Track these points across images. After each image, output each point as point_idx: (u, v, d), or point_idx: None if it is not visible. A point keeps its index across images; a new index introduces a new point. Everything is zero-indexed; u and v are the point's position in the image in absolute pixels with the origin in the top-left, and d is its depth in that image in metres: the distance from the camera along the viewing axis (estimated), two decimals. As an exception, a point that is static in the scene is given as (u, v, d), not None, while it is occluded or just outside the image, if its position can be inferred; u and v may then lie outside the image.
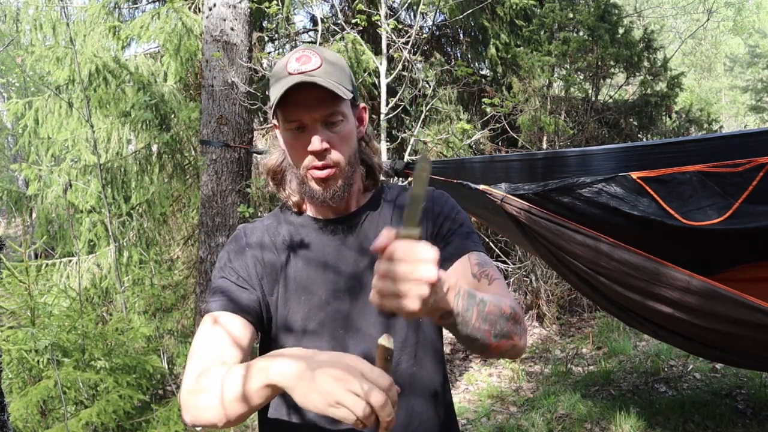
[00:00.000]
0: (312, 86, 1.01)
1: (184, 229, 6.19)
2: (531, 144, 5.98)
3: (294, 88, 1.01)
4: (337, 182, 1.08)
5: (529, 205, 2.33)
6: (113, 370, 3.16)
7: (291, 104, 1.03)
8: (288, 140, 1.08)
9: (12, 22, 6.54)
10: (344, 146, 1.07)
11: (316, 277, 1.10)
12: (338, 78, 1.05)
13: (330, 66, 1.05)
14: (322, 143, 1.03)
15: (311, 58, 1.04)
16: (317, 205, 1.12)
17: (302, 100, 1.03)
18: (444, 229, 1.14)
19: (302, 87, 1.01)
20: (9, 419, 1.64)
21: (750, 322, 2.10)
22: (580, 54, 5.94)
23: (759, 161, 2.10)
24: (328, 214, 1.16)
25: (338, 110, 1.05)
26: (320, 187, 1.07)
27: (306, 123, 1.04)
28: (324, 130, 1.04)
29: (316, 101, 1.03)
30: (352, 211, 1.16)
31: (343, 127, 1.07)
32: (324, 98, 1.03)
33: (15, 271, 3.06)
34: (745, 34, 20.86)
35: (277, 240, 1.15)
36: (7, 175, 13.08)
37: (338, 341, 1.06)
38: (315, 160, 1.05)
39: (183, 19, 5.15)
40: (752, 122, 17.18)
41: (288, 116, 1.05)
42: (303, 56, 1.04)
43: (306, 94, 1.02)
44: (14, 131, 9.69)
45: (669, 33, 18.27)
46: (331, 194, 1.08)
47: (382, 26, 4.34)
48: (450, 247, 1.12)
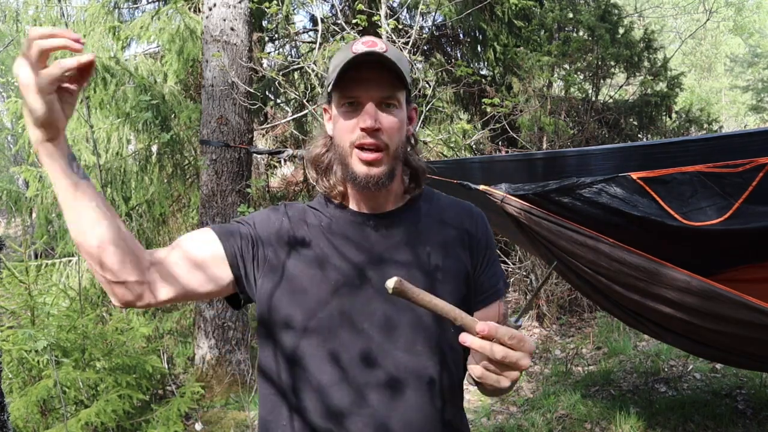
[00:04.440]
0: (377, 65, 0.99)
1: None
2: (531, 144, 5.98)
3: (360, 59, 0.98)
4: (381, 167, 1.03)
5: (529, 206, 2.32)
6: (113, 370, 3.16)
7: (350, 81, 1.01)
8: (340, 115, 1.04)
9: (12, 22, 6.54)
10: (395, 133, 1.04)
11: (329, 266, 1.05)
12: (403, 66, 1.03)
13: (396, 54, 1.03)
14: (375, 121, 1.00)
15: (377, 43, 1.02)
16: (358, 189, 1.07)
17: (365, 76, 1.00)
18: (484, 260, 1.14)
19: (367, 65, 0.99)
20: (9, 419, 1.64)
21: (750, 323, 2.10)
22: (580, 54, 5.94)
23: (759, 161, 2.10)
24: (364, 207, 1.11)
25: (396, 95, 1.03)
26: (365, 168, 1.02)
27: (362, 100, 1.01)
28: (378, 112, 1.02)
29: (378, 80, 1.01)
30: (388, 211, 1.12)
31: (398, 114, 1.04)
32: (386, 79, 1.01)
33: (15, 271, 3.06)
34: (745, 34, 20.86)
35: (305, 219, 1.11)
36: (7, 175, 13.07)
37: (333, 333, 1.02)
38: (365, 137, 1.01)
39: (185, 20, 5.15)
40: (752, 122, 17.18)
41: (345, 92, 1.02)
42: (369, 41, 1.03)
43: (369, 71, 1.00)
44: (14, 131, 9.69)
45: (669, 33, 18.29)
46: (374, 179, 1.03)
47: (382, 26, 4.34)
48: (486, 284, 1.13)
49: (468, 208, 1.19)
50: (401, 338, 1.03)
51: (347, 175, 1.05)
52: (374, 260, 1.06)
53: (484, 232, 1.16)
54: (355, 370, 1.01)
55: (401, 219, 1.11)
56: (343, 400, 1.00)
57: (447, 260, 1.09)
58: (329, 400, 1.01)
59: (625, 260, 2.21)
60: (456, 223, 1.14)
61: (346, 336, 1.02)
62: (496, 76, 6.93)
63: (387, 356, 1.02)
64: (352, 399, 1.00)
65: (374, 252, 1.06)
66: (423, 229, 1.11)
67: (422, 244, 1.09)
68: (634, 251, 2.19)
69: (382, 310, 1.03)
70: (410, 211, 1.13)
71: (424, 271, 1.06)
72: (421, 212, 1.14)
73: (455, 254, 1.10)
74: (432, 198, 1.18)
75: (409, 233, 1.10)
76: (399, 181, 1.12)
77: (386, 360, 1.02)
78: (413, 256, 1.08)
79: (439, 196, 1.20)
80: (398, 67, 1.00)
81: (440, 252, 1.09)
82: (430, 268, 1.07)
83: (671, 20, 18.18)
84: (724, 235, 2.24)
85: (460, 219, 1.14)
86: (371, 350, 1.01)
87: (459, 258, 1.10)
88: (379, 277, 1.03)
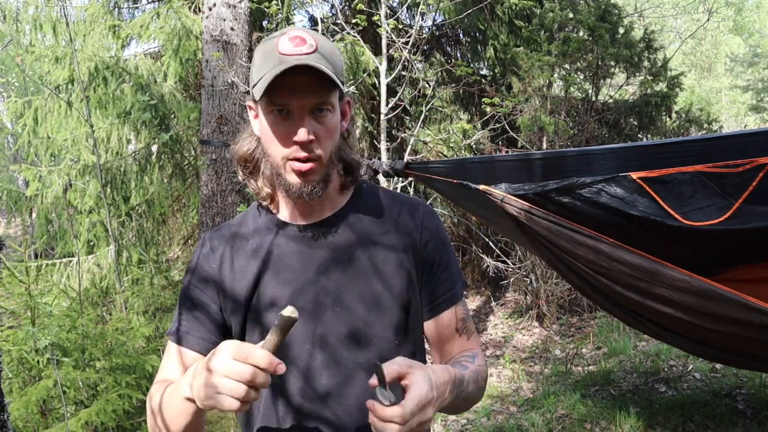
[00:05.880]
0: (306, 70, 0.93)
1: (184, 229, 6.19)
2: (531, 144, 5.98)
3: (289, 71, 0.92)
4: (316, 177, 1.00)
5: (529, 206, 2.32)
6: (113, 370, 3.16)
7: (279, 87, 0.94)
8: (269, 125, 0.99)
9: (12, 22, 6.54)
10: (328, 140, 1.00)
11: (284, 290, 1.03)
12: (333, 65, 0.97)
13: (325, 51, 0.97)
14: (309, 134, 0.95)
15: (306, 40, 0.95)
16: (293, 199, 1.04)
17: (293, 84, 0.94)
18: (434, 262, 1.09)
19: (295, 70, 0.93)
20: (9, 419, 1.64)
21: (750, 323, 2.10)
22: (580, 54, 5.94)
23: (759, 161, 2.10)
24: (301, 217, 1.08)
25: (329, 100, 0.97)
26: (299, 180, 0.99)
27: (293, 109, 0.96)
28: (311, 120, 0.97)
29: (308, 87, 0.95)
30: (327, 217, 1.08)
31: (330, 119, 0.99)
32: (317, 85, 0.95)
33: (15, 271, 3.06)
34: (745, 34, 20.86)
35: (245, 247, 1.07)
36: (7, 175, 13.07)
37: (303, 358, 1.02)
38: (298, 151, 0.97)
39: (182, 20, 5.15)
40: (752, 122, 17.18)
41: (275, 100, 0.96)
42: (297, 37, 0.95)
43: (298, 78, 0.94)
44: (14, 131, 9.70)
45: (669, 33, 18.28)
46: (309, 189, 1.00)
47: (382, 26, 4.34)
48: (440, 290, 1.09)
49: (411, 204, 1.12)
50: (363, 353, 1.03)
51: (280, 185, 1.03)
52: (308, 280, 1.03)
53: (431, 231, 1.10)
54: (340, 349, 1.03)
55: (336, 227, 1.07)
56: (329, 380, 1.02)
57: (387, 269, 1.04)
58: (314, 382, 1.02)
59: (625, 260, 2.21)
60: (398, 225, 1.08)
61: (312, 353, 1.03)
62: (496, 75, 6.92)
63: (347, 361, 1.04)
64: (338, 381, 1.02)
65: (307, 270, 1.04)
66: (360, 237, 1.06)
67: (359, 254, 1.04)
68: (634, 251, 2.19)
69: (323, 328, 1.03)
70: (346, 216, 1.08)
71: (360, 288, 1.03)
72: (358, 215, 1.09)
73: (397, 261, 1.05)
74: (372, 196, 1.12)
75: (343, 243, 1.05)
76: (336, 180, 1.08)
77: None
78: (349, 271, 1.03)
79: (380, 194, 1.14)
80: (330, 69, 0.94)
81: (379, 262, 1.05)
82: (369, 282, 1.03)
83: (671, 20, 18.17)
84: (724, 235, 2.23)
85: (402, 219, 1.09)
86: (344, 376, 1.03)
87: (401, 264, 1.05)
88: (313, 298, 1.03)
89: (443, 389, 0.89)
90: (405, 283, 1.05)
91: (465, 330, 1.12)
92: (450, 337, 1.11)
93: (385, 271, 1.04)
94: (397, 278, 1.05)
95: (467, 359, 1.07)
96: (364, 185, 1.15)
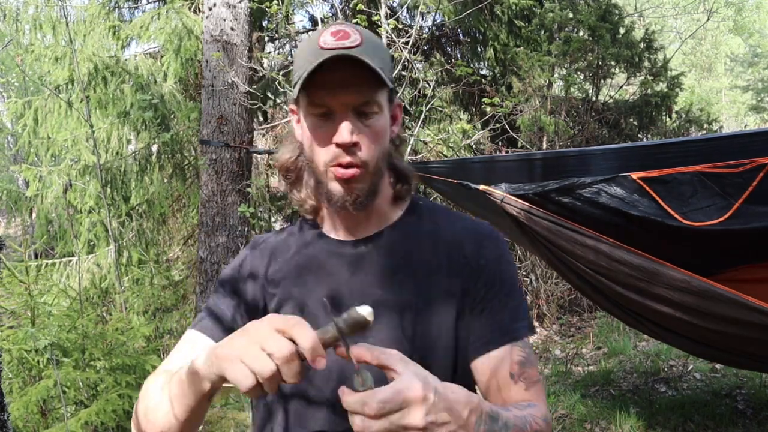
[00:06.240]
0: (349, 64, 0.83)
1: (184, 229, 6.19)
2: (531, 144, 5.98)
3: (328, 63, 0.82)
4: (361, 185, 0.89)
5: (529, 206, 2.33)
6: (113, 370, 3.16)
7: (320, 85, 0.84)
8: (310, 128, 0.89)
9: (12, 22, 6.54)
10: (375, 145, 0.89)
11: (318, 310, 0.91)
12: (381, 61, 0.86)
13: (372, 45, 0.86)
14: (352, 135, 0.85)
15: (350, 33, 0.85)
16: (336, 210, 0.93)
17: (336, 80, 0.84)
18: (491, 293, 0.92)
19: (338, 65, 0.82)
20: (9, 419, 1.64)
21: (750, 323, 2.10)
22: (580, 54, 5.94)
23: (759, 161, 2.10)
24: (344, 231, 0.97)
25: (375, 99, 0.87)
26: (342, 188, 0.89)
27: (335, 109, 0.86)
28: (356, 121, 0.86)
29: (352, 84, 0.85)
30: (374, 233, 0.96)
31: (377, 121, 0.88)
32: (362, 82, 0.85)
33: (15, 271, 3.06)
34: (745, 34, 20.87)
35: (286, 260, 0.98)
36: (7, 175, 13.08)
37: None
38: (341, 155, 0.86)
39: (183, 20, 5.15)
40: (752, 122, 17.18)
41: (315, 99, 0.86)
42: (341, 31, 0.85)
43: (341, 73, 0.84)
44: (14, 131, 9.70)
45: (669, 33, 18.29)
46: (353, 198, 0.89)
47: (382, 26, 4.34)
48: (493, 324, 0.91)
49: (475, 228, 0.97)
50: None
51: (322, 194, 0.92)
52: (346, 301, 0.91)
53: (492, 259, 0.94)
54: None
55: (382, 246, 0.95)
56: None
57: (435, 299, 0.91)
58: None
59: (625, 260, 2.21)
60: (454, 248, 0.94)
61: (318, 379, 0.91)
62: (496, 76, 6.92)
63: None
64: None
65: (347, 292, 0.92)
66: (408, 259, 0.94)
67: (403, 278, 0.92)
68: (634, 251, 2.19)
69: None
70: (395, 233, 0.96)
71: (401, 312, 0.90)
72: (409, 233, 0.96)
73: (447, 290, 0.92)
74: (428, 214, 1.00)
75: (389, 265, 0.93)
76: (386, 192, 0.97)
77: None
78: (390, 299, 0.91)
79: (438, 211, 1.01)
80: (377, 65, 0.84)
81: (427, 289, 0.91)
82: (411, 308, 0.91)
83: (671, 20, 18.18)
84: (724, 235, 2.24)
85: (460, 242, 0.94)
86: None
87: (451, 294, 0.92)
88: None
89: (456, 407, 0.68)
90: (453, 318, 0.91)
91: (523, 377, 0.89)
92: (502, 384, 0.89)
93: (433, 301, 0.91)
94: (445, 311, 0.91)
95: (517, 406, 0.86)
96: (421, 201, 1.02)
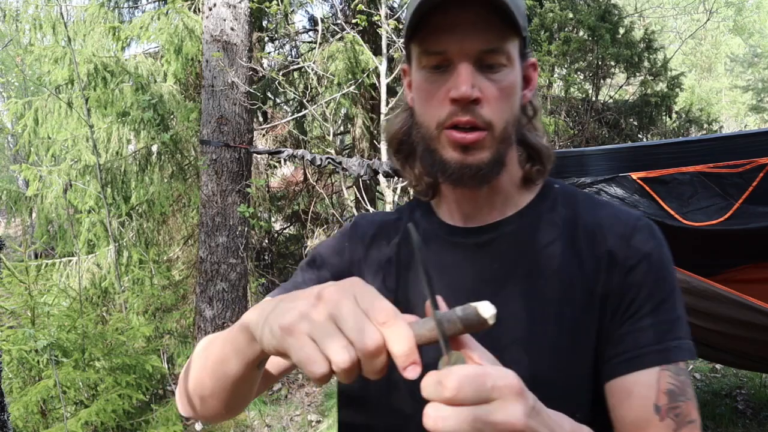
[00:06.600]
0: (472, 2, 0.66)
1: (184, 229, 6.19)
2: (531, 144, 5.98)
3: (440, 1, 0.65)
4: (483, 153, 0.70)
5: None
6: (113, 370, 3.17)
7: (435, 27, 0.68)
8: (420, 83, 0.72)
9: (12, 22, 6.55)
10: (503, 104, 0.70)
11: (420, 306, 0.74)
12: (512, 1, 0.67)
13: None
14: (473, 88, 0.67)
15: None
16: (451, 183, 0.75)
17: (454, 22, 0.67)
18: (637, 296, 0.70)
19: (457, 2, 0.66)
20: (9, 419, 1.64)
21: (750, 323, 2.10)
22: (580, 54, 5.95)
23: (759, 162, 2.11)
24: (460, 217, 0.79)
25: (504, 49, 0.69)
26: (459, 156, 0.70)
27: (453, 58, 0.68)
28: (477, 74, 0.68)
29: (475, 26, 0.67)
30: (497, 221, 0.77)
31: (507, 76, 0.70)
32: (488, 24, 0.67)
33: (15, 271, 3.06)
34: (745, 34, 20.88)
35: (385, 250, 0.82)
36: (7, 175, 13.08)
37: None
38: (458, 113, 0.68)
39: (183, 20, 5.15)
40: (752, 122, 17.19)
41: (428, 45, 0.69)
42: None
43: (460, 13, 0.67)
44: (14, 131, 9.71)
45: (669, 33, 18.29)
46: (473, 170, 0.70)
47: (382, 26, 4.35)
48: (637, 339, 0.69)
49: (622, 217, 0.75)
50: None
51: (435, 165, 0.74)
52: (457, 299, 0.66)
53: (641, 254, 0.72)
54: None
55: (506, 236, 0.76)
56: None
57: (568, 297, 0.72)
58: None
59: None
60: (596, 242, 0.74)
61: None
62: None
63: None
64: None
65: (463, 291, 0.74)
66: (538, 251, 0.75)
67: (533, 274, 0.73)
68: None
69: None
70: (524, 223, 0.77)
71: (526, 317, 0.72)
72: (541, 224, 0.77)
73: (586, 293, 0.72)
74: (565, 200, 0.80)
75: (515, 258, 0.75)
76: (511, 178, 0.78)
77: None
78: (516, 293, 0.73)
79: (579, 198, 0.80)
80: (507, 4, 0.66)
81: (559, 286, 0.72)
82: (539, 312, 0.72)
83: (671, 20, 18.18)
84: (724, 235, 2.24)
85: (603, 235, 0.74)
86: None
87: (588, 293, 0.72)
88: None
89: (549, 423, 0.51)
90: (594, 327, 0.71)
91: (673, 414, 0.67)
92: (643, 419, 0.67)
93: (567, 305, 0.72)
94: (583, 318, 0.71)
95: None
96: (557, 185, 0.83)
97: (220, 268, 4.63)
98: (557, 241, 0.75)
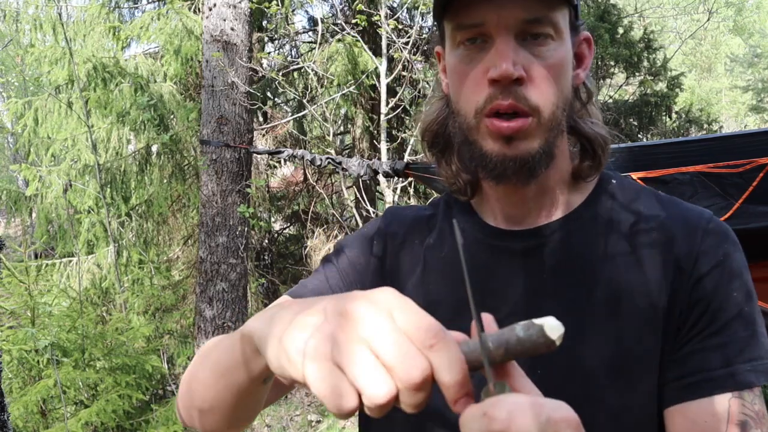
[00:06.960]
0: None
1: (184, 229, 6.19)
2: (531, 144, 5.99)
3: None
4: (529, 143, 0.61)
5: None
6: (113, 370, 3.17)
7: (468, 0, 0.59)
8: (455, 64, 0.63)
9: (12, 22, 6.55)
10: (551, 84, 0.60)
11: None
12: None
13: None
14: (514, 66, 0.58)
15: None
16: (492, 179, 0.64)
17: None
18: (706, 310, 0.61)
19: None
20: (9, 419, 1.64)
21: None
22: (580, 54, 5.96)
23: (759, 162, 2.11)
24: (504, 219, 0.69)
25: (551, 19, 0.59)
26: (500, 147, 0.61)
27: (491, 31, 0.59)
28: (520, 50, 0.59)
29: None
30: (546, 223, 0.68)
31: (554, 51, 0.60)
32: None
33: (15, 271, 3.06)
34: (745, 34, 20.89)
35: (416, 252, 0.73)
36: (7, 175, 13.09)
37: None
38: (498, 97, 0.59)
39: (183, 20, 5.16)
40: (752, 122, 17.20)
41: (462, 18, 0.60)
42: None
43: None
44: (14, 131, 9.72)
45: (669, 33, 18.30)
46: (518, 164, 0.61)
47: (382, 26, 4.35)
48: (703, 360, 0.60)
49: (690, 217, 0.66)
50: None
51: (474, 159, 0.65)
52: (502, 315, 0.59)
53: (713, 259, 0.63)
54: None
55: (558, 240, 0.67)
56: None
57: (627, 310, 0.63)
58: None
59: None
60: (659, 243, 0.64)
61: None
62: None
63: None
64: None
65: (502, 300, 0.66)
66: (593, 258, 0.65)
67: (587, 284, 0.64)
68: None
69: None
70: (578, 225, 0.67)
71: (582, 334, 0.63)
72: (596, 225, 0.67)
73: (644, 298, 0.63)
74: (625, 197, 0.69)
75: (566, 266, 0.66)
76: (560, 173, 0.68)
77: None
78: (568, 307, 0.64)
79: (641, 194, 0.70)
80: None
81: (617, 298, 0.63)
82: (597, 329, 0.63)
83: (671, 20, 18.20)
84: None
85: (669, 235, 0.64)
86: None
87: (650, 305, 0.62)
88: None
89: None
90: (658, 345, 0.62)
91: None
92: None
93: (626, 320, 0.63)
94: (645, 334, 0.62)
95: None
96: (614, 180, 0.72)
97: (220, 268, 4.63)
98: (615, 247, 0.65)
